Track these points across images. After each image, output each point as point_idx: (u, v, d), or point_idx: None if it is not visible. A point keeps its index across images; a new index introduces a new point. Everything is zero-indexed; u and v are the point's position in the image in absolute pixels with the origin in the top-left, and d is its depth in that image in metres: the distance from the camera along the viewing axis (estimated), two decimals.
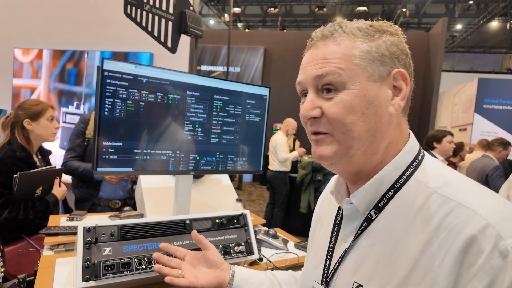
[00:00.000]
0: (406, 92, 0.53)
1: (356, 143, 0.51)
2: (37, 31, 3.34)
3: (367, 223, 0.53)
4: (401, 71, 0.52)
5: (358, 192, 0.53)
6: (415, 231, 0.46)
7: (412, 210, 0.48)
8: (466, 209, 0.43)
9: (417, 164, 0.53)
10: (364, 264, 0.51)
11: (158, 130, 1.15)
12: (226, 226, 1.04)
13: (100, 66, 1.03)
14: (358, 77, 0.50)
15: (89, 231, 0.85)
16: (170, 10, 1.70)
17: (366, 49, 0.51)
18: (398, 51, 0.53)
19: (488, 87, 7.15)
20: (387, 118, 0.52)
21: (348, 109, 0.50)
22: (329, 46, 0.52)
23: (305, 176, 3.81)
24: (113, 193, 2.00)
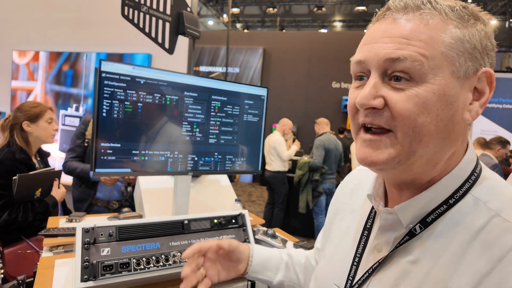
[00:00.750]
0: (488, 97, 0.43)
1: (421, 150, 0.42)
2: (35, 33, 3.35)
3: (409, 237, 0.46)
4: (489, 72, 0.42)
5: (407, 205, 0.46)
6: (471, 257, 0.39)
7: (469, 231, 0.41)
8: None
9: (475, 178, 0.45)
10: (404, 281, 0.44)
11: (156, 131, 1.15)
12: (225, 226, 1.04)
13: (98, 67, 1.03)
14: (442, 69, 0.40)
15: (88, 232, 0.85)
16: (167, 11, 1.71)
17: (459, 37, 0.41)
18: (490, 45, 0.43)
19: None
20: (461, 125, 0.43)
21: (422, 108, 0.40)
22: (412, 22, 0.41)
23: (302, 177, 3.81)
24: (109, 194, 2.01)
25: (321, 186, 3.76)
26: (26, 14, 3.34)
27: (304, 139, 6.88)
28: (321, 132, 3.89)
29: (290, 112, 7.54)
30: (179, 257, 0.92)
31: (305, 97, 8.24)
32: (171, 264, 0.90)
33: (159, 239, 0.92)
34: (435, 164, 0.44)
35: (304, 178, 3.79)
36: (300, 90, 8.27)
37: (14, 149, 1.65)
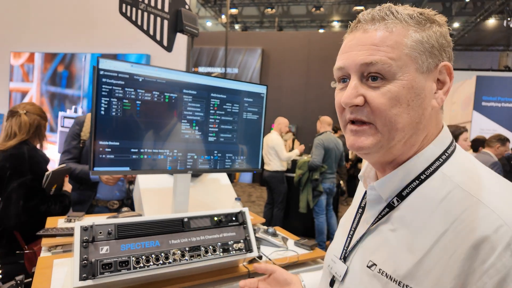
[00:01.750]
0: (450, 86, 0.52)
1: (399, 135, 0.50)
2: (32, 34, 3.34)
3: (389, 209, 0.54)
4: (447, 65, 0.51)
5: (382, 181, 0.54)
6: (433, 223, 0.47)
7: (434, 202, 0.48)
8: (484, 207, 0.44)
9: (446, 157, 0.52)
10: (383, 247, 0.52)
11: (155, 129, 1.14)
12: (225, 224, 1.03)
13: (96, 65, 1.02)
14: (408, 67, 0.49)
15: (86, 230, 0.84)
16: (165, 8, 1.70)
17: (418, 39, 0.49)
18: (446, 43, 0.51)
19: (487, 85, 7.16)
20: (430, 111, 0.51)
21: (395, 101, 0.49)
22: (379, 31, 0.50)
23: (302, 176, 3.80)
24: (110, 194, 1.99)
25: (321, 186, 3.74)
26: (24, 15, 3.33)
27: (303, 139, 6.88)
28: (321, 131, 3.88)
29: (289, 112, 7.53)
30: (179, 255, 0.91)
31: (304, 97, 8.23)
32: (171, 262, 0.89)
33: (159, 237, 0.91)
34: (411, 146, 0.52)
35: (304, 178, 3.78)
36: (298, 90, 8.27)
37: (32, 146, 1.71)
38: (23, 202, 1.58)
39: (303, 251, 1.27)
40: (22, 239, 1.60)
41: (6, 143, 1.63)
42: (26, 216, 1.57)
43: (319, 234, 3.78)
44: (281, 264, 1.14)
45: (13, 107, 1.75)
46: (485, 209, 0.44)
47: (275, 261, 1.14)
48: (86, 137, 1.97)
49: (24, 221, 1.56)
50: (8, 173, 1.58)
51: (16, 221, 1.56)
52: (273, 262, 1.13)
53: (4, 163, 1.59)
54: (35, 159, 1.67)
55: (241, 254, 1.01)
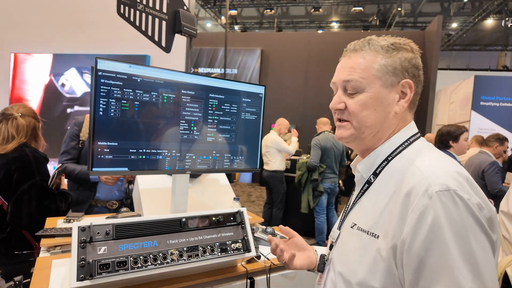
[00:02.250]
0: (410, 97, 0.71)
1: (367, 130, 0.72)
2: (33, 35, 3.34)
3: (368, 185, 0.74)
4: (407, 82, 0.71)
5: (362, 163, 0.76)
6: (389, 186, 0.67)
7: (392, 173, 0.69)
8: (417, 169, 0.64)
9: (408, 144, 0.72)
10: (360, 210, 0.74)
11: (154, 129, 1.14)
12: (223, 223, 1.03)
13: (94, 65, 1.03)
14: (374, 84, 0.70)
15: (84, 230, 0.84)
16: (163, 9, 1.70)
17: (383, 64, 0.70)
18: (409, 65, 0.71)
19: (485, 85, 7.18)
20: (393, 114, 0.71)
21: (364, 106, 0.70)
22: (357, 58, 0.72)
23: (301, 177, 3.80)
24: (109, 194, 1.99)
25: (321, 186, 3.74)
26: (24, 17, 3.33)
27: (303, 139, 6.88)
28: (319, 132, 3.89)
29: (289, 112, 7.53)
30: (177, 255, 0.91)
31: (303, 97, 8.24)
32: (169, 262, 0.89)
33: (157, 237, 0.91)
34: (379, 138, 0.73)
35: (303, 178, 3.78)
36: (298, 90, 8.27)
37: (33, 148, 1.72)
38: (36, 202, 1.59)
39: None
40: (32, 237, 1.62)
41: (5, 146, 1.63)
42: (39, 216, 1.59)
43: (318, 234, 3.78)
44: (279, 263, 1.14)
45: (5, 110, 1.74)
46: (417, 170, 0.63)
47: (273, 261, 1.14)
48: (85, 137, 1.97)
49: (37, 221, 1.57)
50: (16, 175, 1.58)
51: (29, 222, 1.58)
52: (271, 262, 1.14)
53: (9, 166, 1.59)
54: (40, 160, 1.69)
55: (239, 254, 1.01)
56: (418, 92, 0.73)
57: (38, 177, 1.63)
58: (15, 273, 1.22)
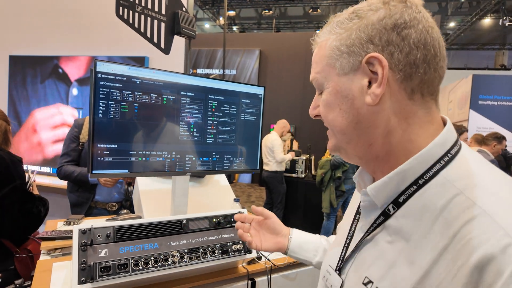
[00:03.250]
0: (383, 75, 0.46)
1: (342, 137, 0.52)
2: (31, 38, 3.33)
3: (384, 217, 0.49)
4: (372, 56, 0.46)
5: (376, 185, 0.50)
6: (433, 235, 0.42)
7: (434, 211, 0.43)
8: (490, 220, 0.38)
9: (449, 159, 0.46)
10: (379, 261, 0.48)
11: (153, 131, 1.14)
12: (223, 225, 1.03)
13: (93, 67, 1.02)
14: (330, 75, 0.51)
15: (85, 233, 0.84)
16: (162, 11, 1.70)
17: (334, 46, 0.50)
18: (373, 31, 0.47)
19: (483, 84, 7.20)
20: (368, 108, 0.48)
21: (328, 107, 0.52)
22: (315, 51, 0.56)
23: (324, 175, 3.73)
24: (108, 196, 1.99)
25: (343, 185, 3.70)
26: (22, 19, 3.33)
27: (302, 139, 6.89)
28: None
29: (287, 112, 7.54)
30: (177, 257, 0.91)
31: (302, 97, 8.25)
32: (170, 264, 0.89)
33: (158, 239, 0.91)
34: (368, 145, 0.50)
35: (326, 177, 3.71)
36: (297, 91, 8.28)
37: (6, 151, 1.65)
38: (19, 206, 1.56)
39: None
40: (13, 242, 1.57)
41: None
42: (21, 220, 1.55)
43: (324, 233, 3.78)
44: (280, 264, 1.14)
45: None
46: (490, 223, 0.38)
47: (274, 261, 1.14)
48: (84, 139, 1.97)
49: (19, 225, 1.54)
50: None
51: (12, 227, 1.53)
52: (272, 263, 1.14)
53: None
54: (17, 164, 1.62)
55: (240, 255, 1.01)
56: (413, 61, 0.46)
57: (18, 181, 1.57)
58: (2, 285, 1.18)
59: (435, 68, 0.47)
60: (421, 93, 0.47)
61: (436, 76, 0.47)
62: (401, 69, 0.46)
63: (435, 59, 0.47)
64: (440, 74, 0.48)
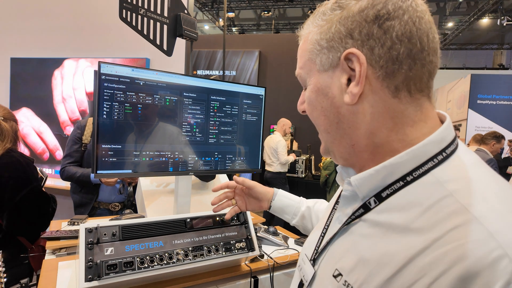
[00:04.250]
0: (360, 72, 0.43)
1: (326, 137, 0.50)
2: (32, 40, 3.35)
3: (364, 210, 0.46)
4: (350, 52, 0.43)
5: (361, 176, 0.46)
6: (413, 233, 0.38)
7: (416, 211, 0.40)
8: (482, 228, 0.34)
9: (443, 159, 0.42)
10: (350, 253, 0.45)
11: (157, 131, 1.16)
12: (227, 223, 1.05)
13: (97, 69, 1.04)
14: (312, 71, 0.49)
15: (91, 232, 0.86)
16: (164, 13, 1.72)
17: (315, 39, 0.47)
18: (352, 24, 0.43)
19: (481, 83, 7.23)
20: (347, 108, 0.45)
21: (310, 106, 0.50)
22: (300, 45, 0.52)
23: (328, 176, 3.76)
24: (111, 196, 2.01)
25: None
26: (23, 21, 3.35)
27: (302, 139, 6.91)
28: None
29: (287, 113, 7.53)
30: (182, 255, 0.92)
31: None
32: (175, 262, 0.91)
33: (162, 237, 0.93)
34: (351, 146, 0.47)
35: (331, 178, 3.73)
36: (296, 91, 8.29)
37: (19, 153, 1.69)
38: (36, 207, 1.59)
39: None
40: (28, 239, 1.63)
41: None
42: (38, 220, 1.60)
43: None
44: (282, 262, 1.15)
45: None
46: (482, 232, 0.34)
47: (276, 259, 1.16)
48: (87, 140, 1.99)
49: (35, 224, 1.58)
50: (11, 183, 1.55)
51: (28, 227, 1.58)
52: (275, 261, 1.15)
53: (1, 172, 1.55)
54: (31, 165, 1.66)
55: (243, 253, 1.03)
56: (395, 56, 0.42)
57: (34, 182, 1.62)
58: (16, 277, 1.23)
59: (422, 64, 0.43)
60: (408, 91, 0.43)
61: (424, 72, 0.43)
62: (382, 65, 0.42)
63: (422, 54, 0.42)
64: (429, 69, 0.44)
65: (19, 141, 1.72)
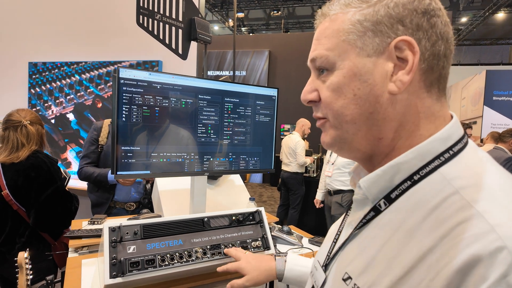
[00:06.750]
0: (414, 62, 0.42)
1: (351, 128, 0.46)
2: (49, 44, 3.45)
3: (375, 213, 0.46)
4: (404, 39, 0.42)
5: (368, 178, 0.46)
6: (421, 233, 0.38)
7: (425, 209, 0.39)
8: (484, 222, 0.34)
9: (450, 156, 0.42)
10: (360, 256, 0.45)
11: (173, 133, 1.19)
12: (243, 223, 1.08)
13: (116, 74, 1.08)
14: (347, 54, 0.45)
15: (114, 231, 0.90)
16: (179, 18, 1.76)
17: (356, 20, 0.44)
18: (404, 11, 0.42)
19: (497, 79, 7.05)
20: (388, 97, 0.43)
21: (338, 92, 0.46)
22: (322, 24, 0.49)
23: None
24: (127, 196, 2.06)
25: None
26: (40, 26, 3.45)
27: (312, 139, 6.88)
28: None
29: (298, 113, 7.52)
30: (201, 253, 0.95)
31: None
32: (194, 259, 0.94)
33: (181, 236, 0.96)
34: (378, 139, 0.45)
35: None
36: None
37: (44, 154, 1.77)
38: (61, 206, 1.66)
39: (318, 248, 1.30)
40: (51, 236, 1.71)
41: (17, 154, 1.64)
42: (62, 218, 1.68)
43: None
44: None
45: (10, 116, 1.71)
46: (484, 225, 0.34)
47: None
48: (103, 142, 2.05)
49: (59, 222, 1.65)
50: (37, 182, 1.63)
51: (54, 224, 1.66)
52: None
53: (28, 172, 1.63)
54: (55, 166, 1.75)
55: (259, 252, 1.05)
56: (437, 52, 0.43)
57: (59, 182, 1.70)
58: (44, 273, 1.28)
59: (449, 64, 0.45)
60: (438, 88, 0.45)
61: (448, 71, 0.46)
62: (426, 58, 0.43)
63: (451, 55, 0.45)
64: (449, 70, 0.46)
65: (44, 143, 1.80)
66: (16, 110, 1.75)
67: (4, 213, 1.63)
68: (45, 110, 3.54)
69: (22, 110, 1.75)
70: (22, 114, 1.72)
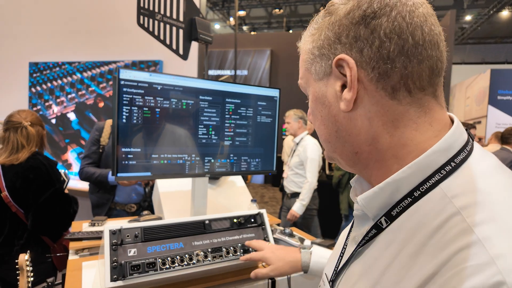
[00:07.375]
0: (351, 78, 0.41)
1: (328, 146, 0.49)
2: (49, 44, 3.46)
3: (377, 231, 0.44)
4: (339, 58, 0.42)
5: (366, 196, 0.44)
6: (424, 258, 0.37)
7: (427, 231, 0.37)
8: (484, 252, 0.32)
9: (452, 169, 0.39)
10: (364, 278, 0.44)
11: (174, 134, 1.18)
12: (244, 225, 1.06)
13: (117, 75, 1.07)
14: (309, 81, 0.49)
15: (115, 234, 0.89)
16: (180, 18, 1.75)
17: (309, 49, 0.47)
18: (340, 28, 0.42)
19: (502, 78, 6.99)
20: (344, 115, 0.44)
21: (313, 115, 0.50)
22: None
23: (341, 177, 3.72)
24: (128, 198, 2.06)
25: None
26: (40, 27, 3.46)
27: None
28: None
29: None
30: (202, 256, 0.94)
31: None
32: (195, 263, 0.93)
33: (182, 239, 0.95)
34: (355, 154, 0.46)
35: (344, 179, 3.69)
36: None
37: (44, 156, 1.76)
38: (59, 208, 1.65)
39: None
40: (50, 239, 1.70)
41: (16, 156, 1.63)
42: (60, 220, 1.67)
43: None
44: None
45: (11, 117, 1.70)
46: (483, 255, 0.32)
47: None
48: (105, 142, 2.04)
49: (58, 224, 1.64)
50: (35, 184, 1.63)
51: (52, 227, 1.65)
52: None
53: (27, 174, 1.62)
54: (54, 168, 1.74)
55: None
56: (386, 54, 0.40)
57: (57, 184, 1.69)
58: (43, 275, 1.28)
59: (419, 60, 0.40)
60: (407, 90, 0.41)
61: (423, 68, 0.40)
62: (374, 66, 0.41)
63: (417, 49, 0.40)
64: (430, 65, 0.41)
65: (44, 145, 1.79)
66: (17, 111, 1.75)
67: (3, 215, 1.63)
68: (46, 109, 3.55)
69: (23, 111, 1.75)
70: (22, 115, 1.72)
